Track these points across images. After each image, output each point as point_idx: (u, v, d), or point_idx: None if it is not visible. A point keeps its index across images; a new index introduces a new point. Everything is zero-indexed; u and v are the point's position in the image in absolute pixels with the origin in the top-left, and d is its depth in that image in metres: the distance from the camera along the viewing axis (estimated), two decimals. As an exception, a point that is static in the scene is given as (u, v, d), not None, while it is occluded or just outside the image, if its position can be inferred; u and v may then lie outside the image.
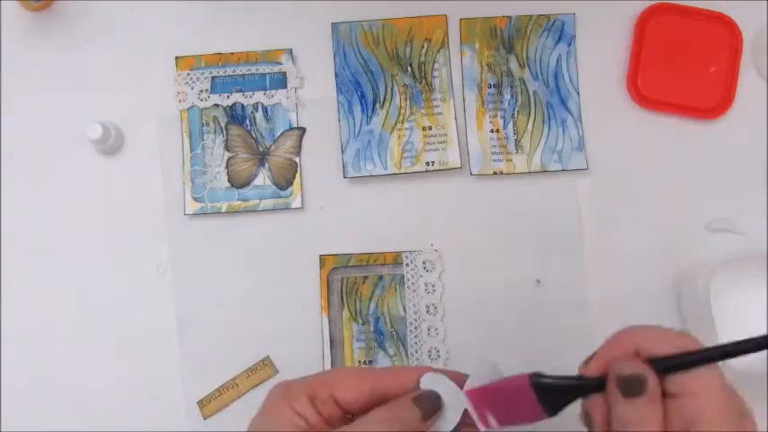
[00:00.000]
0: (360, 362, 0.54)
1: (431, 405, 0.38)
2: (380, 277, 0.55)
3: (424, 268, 0.55)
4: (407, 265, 0.55)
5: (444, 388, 0.40)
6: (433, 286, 0.55)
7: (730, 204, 0.56)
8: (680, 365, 0.31)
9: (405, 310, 0.55)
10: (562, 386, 0.35)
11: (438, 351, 0.54)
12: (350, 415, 0.39)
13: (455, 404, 0.40)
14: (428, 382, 0.40)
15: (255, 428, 0.39)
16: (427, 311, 0.54)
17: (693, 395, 0.31)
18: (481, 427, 0.38)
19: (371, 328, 0.54)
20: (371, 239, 0.55)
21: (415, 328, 0.54)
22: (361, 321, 0.55)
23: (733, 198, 0.56)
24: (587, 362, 0.34)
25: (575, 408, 0.35)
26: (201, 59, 0.57)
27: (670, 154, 0.57)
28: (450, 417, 0.40)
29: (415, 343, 0.54)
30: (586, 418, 0.35)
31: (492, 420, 0.38)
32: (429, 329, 0.54)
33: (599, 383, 0.33)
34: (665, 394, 0.32)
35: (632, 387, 0.32)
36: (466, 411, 0.39)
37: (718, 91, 0.57)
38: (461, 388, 0.39)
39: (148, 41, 0.58)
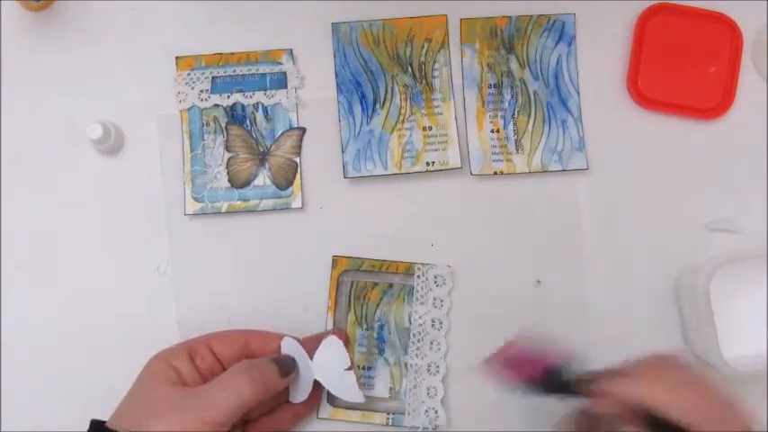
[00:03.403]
0: (359, 366, 0.54)
1: (287, 365, 0.48)
2: (390, 285, 0.55)
3: (435, 283, 0.54)
4: (419, 277, 0.54)
5: (299, 358, 0.49)
6: (442, 301, 0.54)
7: (730, 204, 0.56)
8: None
9: (410, 320, 0.54)
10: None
11: (438, 366, 0.53)
12: None
13: (308, 375, 0.50)
14: (286, 347, 0.50)
15: (136, 384, 0.46)
16: (432, 325, 0.54)
17: None
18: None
19: (374, 335, 0.54)
20: (372, 239, 0.55)
21: (418, 340, 0.54)
22: (365, 327, 0.54)
23: (733, 198, 0.56)
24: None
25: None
26: (201, 59, 0.57)
27: (670, 154, 0.57)
28: (304, 386, 0.49)
29: (416, 355, 0.53)
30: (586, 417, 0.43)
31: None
32: (432, 343, 0.54)
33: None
34: None
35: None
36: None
37: (718, 91, 0.57)
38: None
39: (148, 41, 0.58)
